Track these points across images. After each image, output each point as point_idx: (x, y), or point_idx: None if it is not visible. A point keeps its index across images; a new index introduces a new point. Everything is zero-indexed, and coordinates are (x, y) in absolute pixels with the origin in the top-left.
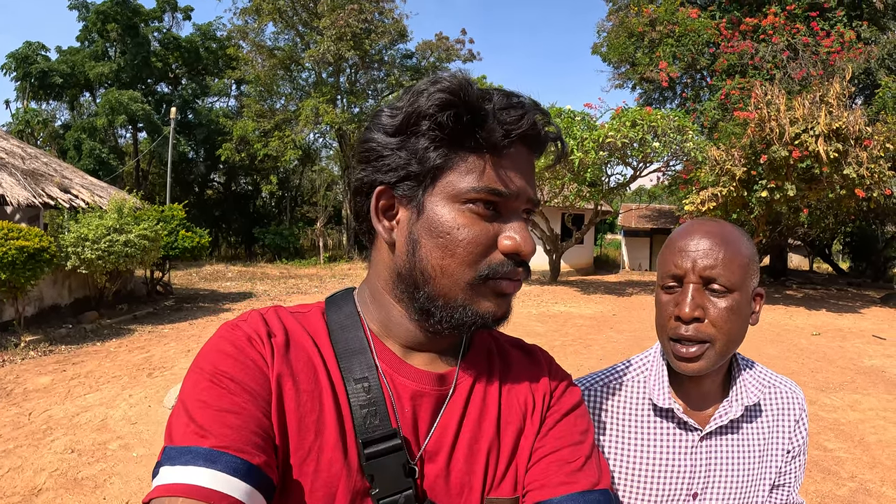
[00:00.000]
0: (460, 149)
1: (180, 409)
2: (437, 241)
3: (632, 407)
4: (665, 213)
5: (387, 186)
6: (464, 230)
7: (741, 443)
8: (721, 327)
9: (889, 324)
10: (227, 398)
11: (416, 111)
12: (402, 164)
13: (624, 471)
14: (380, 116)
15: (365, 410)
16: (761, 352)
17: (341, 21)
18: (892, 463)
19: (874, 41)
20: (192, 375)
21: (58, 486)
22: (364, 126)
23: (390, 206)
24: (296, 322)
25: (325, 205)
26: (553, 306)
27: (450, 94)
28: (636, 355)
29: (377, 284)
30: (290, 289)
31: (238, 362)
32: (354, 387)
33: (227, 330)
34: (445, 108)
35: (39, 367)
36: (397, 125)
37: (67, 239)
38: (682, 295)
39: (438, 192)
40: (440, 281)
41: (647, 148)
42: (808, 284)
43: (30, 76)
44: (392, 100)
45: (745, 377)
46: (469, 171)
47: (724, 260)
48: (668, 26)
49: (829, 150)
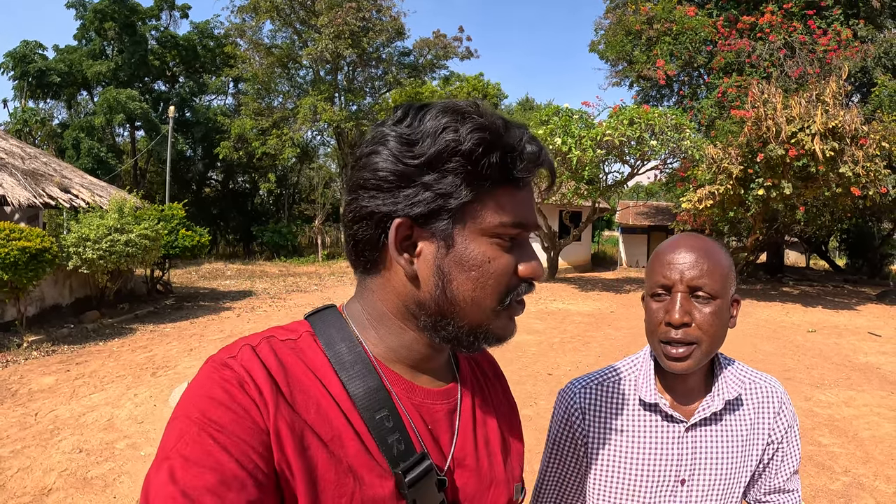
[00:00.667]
0: (489, 184)
1: (162, 465)
2: (468, 275)
3: (623, 402)
4: (662, 210)
5: (408, 219)
6: (494, 263)
7: (724, 433)
8: (707, 330)
9: (884, 321)
10: (214, 455)
11: (449, 148)
12: (429, 198)
13: (614, 460)
14: (389, 142)
15: (391, 440)
16: (758, 348)
17: (339, 19)
18: (885, 458)
19: (871, 40)
20: (177, 424)
21: (68, 485)
22: (367, 147)
23: (408, 237)
24: (295, 357)
25: (323, 202)
26: (551, 303)
27: (489, 135)
28: (628, 357)
29: (383, 309)
30: (290, 286)
31: (229, 411)
32: (376, 420)
33: (215, 370)
34: (483, 148)
35: (43, 368)
36: (425, 160)
37: (69, 239)
38: (671, 303)
39: (468, 227)
40: (469, 310)
41: (644, 146)
42: (804, 281)
43: (27, 75)
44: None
45: (726, 374)
46: (498, 206)
47: (708, 270)
48: (665, 24)
49: (826, 148)
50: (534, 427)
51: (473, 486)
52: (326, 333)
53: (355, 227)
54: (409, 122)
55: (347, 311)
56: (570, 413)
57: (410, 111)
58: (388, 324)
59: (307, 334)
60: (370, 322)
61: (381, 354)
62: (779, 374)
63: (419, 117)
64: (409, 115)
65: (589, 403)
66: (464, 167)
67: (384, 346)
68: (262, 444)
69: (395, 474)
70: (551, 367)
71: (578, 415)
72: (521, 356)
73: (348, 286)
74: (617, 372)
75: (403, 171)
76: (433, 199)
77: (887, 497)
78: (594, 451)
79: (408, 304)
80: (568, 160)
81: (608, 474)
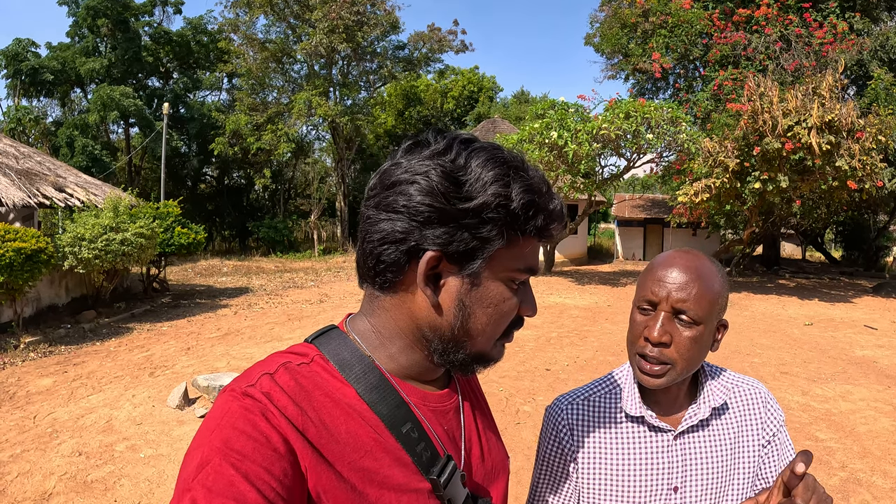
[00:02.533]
0: (516, 232)
1: (184, 496)
2: (486, 311)
3: (609, 417)
4: (658, 202)
5: (440, 253)
6: (507, 303)
7: (713, 438)
8: (683, 354)
9: (880, 313)
10: (237, 486)
11: (498, 202)
12: (467, 240)
13: (606, 473)
14: (432, 176)
15: (419, 449)
16: (754, 342)
17: (333, 13)
18: (881, 453)
19: (867, 33)
20: (198, 453)
21: (68, 489)
22: (405, 174)
23: (434, 267)
24: (313, 382)
25: (318, 197)
26: (548, 297)
27: (537, 198)
28: (613, 370)
29: (396, 329)
30: (287, 283)
31: (252, 440)
32: (403, 434)
33: (235, 399)
34: (532, 211)
35: (41, 369)
36: (472, 206)
37: (64, 239)
38: (653, 320)
39: (493, 269)
40: (479, 340)
41: (640, 139)
42: (800, 274)
43: (20, 73)
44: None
45: (711, 383)
46: (520, 253)
47: (696, 295)
48: (661, 17)
49: (822, 142)
50: (533, 423)
51: (482, 472)
52: (338, 356)
53: (382, 247)
54: (453, 158)
55: (353, 329)
56: (559, 430)
57: (455, 145)
58: (399, 343)
59: (318, 357)
60: (381, 341)
61: (394, 371)
62: (775, 369)
63: (465, 156)
64: (452, 149)
65: (577, 420)
66: (506, 221)
67: (396, 364)
68: (287, 473)
69: (430, 480)
70: (549, 363)
71: (567, 431)
72: (518, 352)
73: (345, 281)
74: (602, 386)
75: (446, 209)
76: (471, 241)
77: (884, 492)
78: (585, 467)
79: (422, 328)
80: (564, 154)
81: (601, 488)
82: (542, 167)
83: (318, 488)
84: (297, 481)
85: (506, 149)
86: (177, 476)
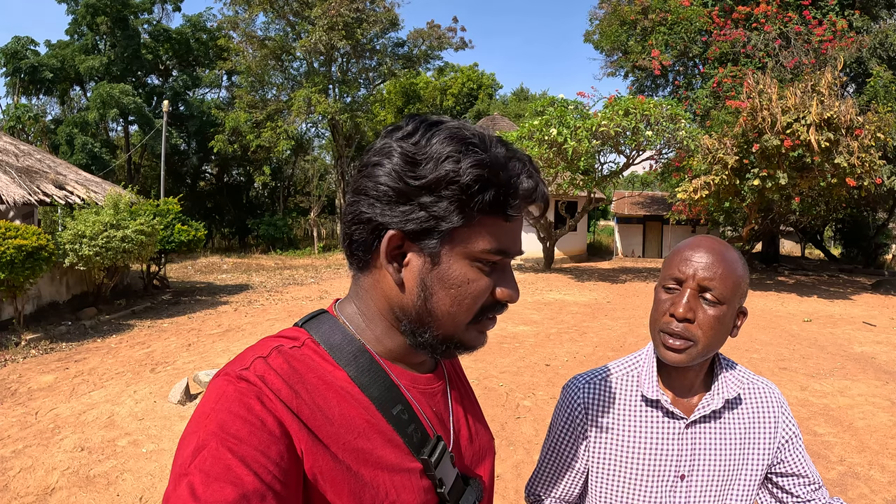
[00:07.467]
0: (479, 213)
1: (181, 481)
2: (448, 292)
3: (625, 399)
4: (657, 199)
5: (400, 232)
6: (472, 284)
7: (724, 431)
8: (706, 331)
9: (879, 310)
10: (234, 469)
11: (447, 178)
12: (423, 218)
13: (616, 455)
14: (394, 157)
15: (409, 431)
16: (753, 338)
17: (333, 10)
18: (879, 447)
19: (866, 30)
20: (194, 438)
21: (70, 484)
22: (374, 157)
23: (398, 247)
24: (306, 364)
25: (318, 194)
26: (548, 294)
27: (486, 172)
28: (631, 354)
29: (375, 310)
30: (286, 280)
31: (248, 423)
32: (394, 415)
33: (230, 382)
34: (479, 185)
35: (42, 366)
36: (424, 183)
37: (65, 236)
38: (679, 296)
39: (454, 249)
40: (444, 323)
41: (640, 136)
42: (799, 270)
43: (20, 71)
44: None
45: (726, 374)
46: (485, 234)
47: (721, 275)
48: (660, 14)
49: (821, 139)
50: (532, 418)
51: (470, 453)
52: (328, 339)
53: (353, 228)
54: (416, 140)
55: (342, 312)
56: (574, 408)
57: (420, 128)
58: (381, 325)
59: (309, 341)
60: (366, 323)
61: (383, 353)
62: (774, 364)
63: (427, 137)
64: (418, 131)
65: (592, 399)
66: (458, 197)
67: (383, 347)
68: (283, 456)
69: (421, 460)
70: (549, 358)
71: (581, 410)
72: (518, 347)
73: (344, 278)
74: (620, 368)
75: (402, 189)
76: (426, 220)
77: (882, 486)
78: (596, 446)
79: (393, 308)
80: (563, 151)
81: (610, 469)
82: (542, 164)
83: (314, 470)
84: (293, 463)
85: (473, 126)
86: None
